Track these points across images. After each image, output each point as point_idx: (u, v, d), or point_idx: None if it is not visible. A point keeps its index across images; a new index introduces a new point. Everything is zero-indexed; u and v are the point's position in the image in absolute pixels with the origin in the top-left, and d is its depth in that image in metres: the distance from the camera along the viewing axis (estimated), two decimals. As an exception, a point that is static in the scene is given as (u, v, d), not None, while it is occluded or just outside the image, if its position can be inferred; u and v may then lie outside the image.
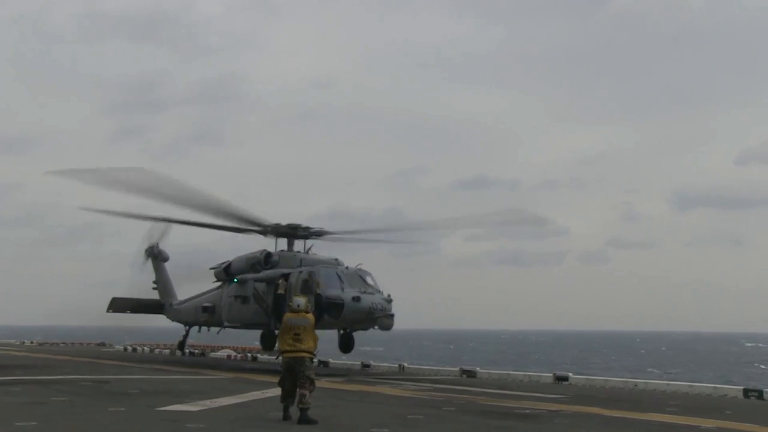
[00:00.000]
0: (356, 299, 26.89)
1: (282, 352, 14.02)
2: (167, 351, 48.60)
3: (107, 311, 40.04)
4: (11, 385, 20.43)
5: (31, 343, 60.40)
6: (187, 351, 47.35)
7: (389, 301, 27.80)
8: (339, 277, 28.00)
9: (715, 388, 25.23)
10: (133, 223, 42.40)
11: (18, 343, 60.18)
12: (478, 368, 31.85)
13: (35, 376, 24.64)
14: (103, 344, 60.19)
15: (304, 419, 13.35)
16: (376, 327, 28.18)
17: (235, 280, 31.55)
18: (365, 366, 34.45)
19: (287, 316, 14.02)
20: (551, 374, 29.03)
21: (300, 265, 29.94)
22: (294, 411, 13.66)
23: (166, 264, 42.28)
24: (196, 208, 31.18)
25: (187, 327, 38.77)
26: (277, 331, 27.98)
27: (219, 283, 34.22)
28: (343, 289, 27.33)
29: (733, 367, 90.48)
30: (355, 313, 27.02)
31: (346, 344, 30.82)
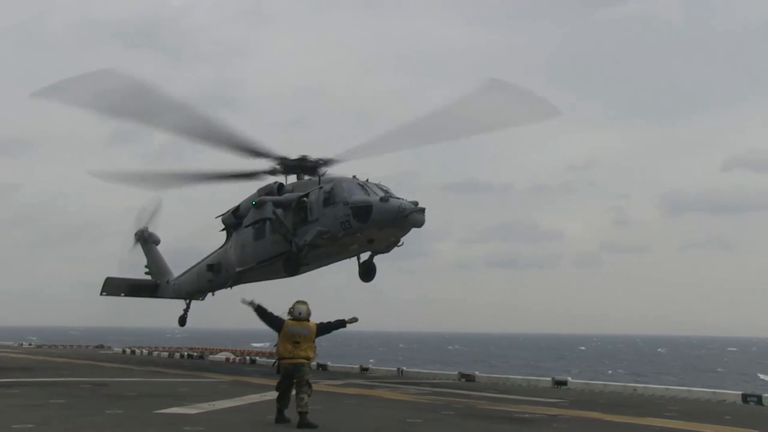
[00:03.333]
0: (384, 200, 25.56)
1: (280, 359, 13.95)
2: (165, 354, 48.53)
3: (101, 294, 39.40)
4: (9, 388, 20.37)
5: (30, 345, 60.32)
6: (185, 353, 47.28)
7: (416, 203, 26.02)
8: (362, 186, 26.78)
9: (714, 393, 25.20)
10: (131, 224, 42.41)
11: (16, 344, 60.10)
12: (476, 372, 31.82)
13: (33, 378, 24.59)
14: (101, 346, 60.21)
15: (304, 423, 13.31)
16: (406, 230, 26.11)
17: (254, 203, 29.62)
18: (364, 369, 34.41)
19: (289, 323, 13.93)
20: (550, 378, 28.99)
21: (319, 184, 28.34)
22: (293, 415, 13.63)
23: (158, 247, 41.67)
24: (196, 135, 29.06)
25: (188, 300, 38.07)
26: (301, 252, 27.37)
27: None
28: (368, 195, 26.16)
29: (683, 372, 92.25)
30: (385, 213, 25.37)
31: (367, 272, 29.10)
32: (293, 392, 13.73)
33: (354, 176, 28.00)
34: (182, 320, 38.93)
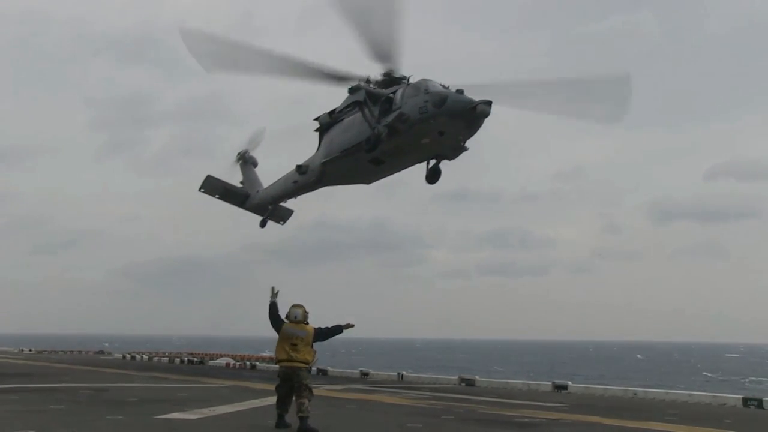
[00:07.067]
0: (460, 91, 27.63)
1: (278, 361, 13.99)
2: (166, 359, 48.52)
3: (199, 189, 39.78)
4: (9, 393, 20.38)
5: (30, 350, 60.35)
6: (185, 359, 47.25)
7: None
8: (443, 86, 28.53)
9: (714, 396, 25.23)
10: (126, 231, 42.34)
11: (16, 350, 60.12)
12: (477, 377, 31.81)
13: (33, 384, 24.59)
14: (101, 352, 60.26)
15: (304, 428, 13.31)
16: (473, 123, 27.49)
17: (350, 87, 31.20)
18: (364, 374, 34.39)
19: (286, 325, 14.01)
20: (550, 383, 28.99)
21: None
22: (293, 420, 13.64)
23: (256, 170, 42.50)
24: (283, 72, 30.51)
25: (272, 205, 39.65)
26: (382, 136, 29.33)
27: None
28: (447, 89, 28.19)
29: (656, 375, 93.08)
30: (458, 102, 27.31)
31: (433, 174, 30.73)
32: (293, 397, 13.75)
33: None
34: (263, 223, 40.67)
